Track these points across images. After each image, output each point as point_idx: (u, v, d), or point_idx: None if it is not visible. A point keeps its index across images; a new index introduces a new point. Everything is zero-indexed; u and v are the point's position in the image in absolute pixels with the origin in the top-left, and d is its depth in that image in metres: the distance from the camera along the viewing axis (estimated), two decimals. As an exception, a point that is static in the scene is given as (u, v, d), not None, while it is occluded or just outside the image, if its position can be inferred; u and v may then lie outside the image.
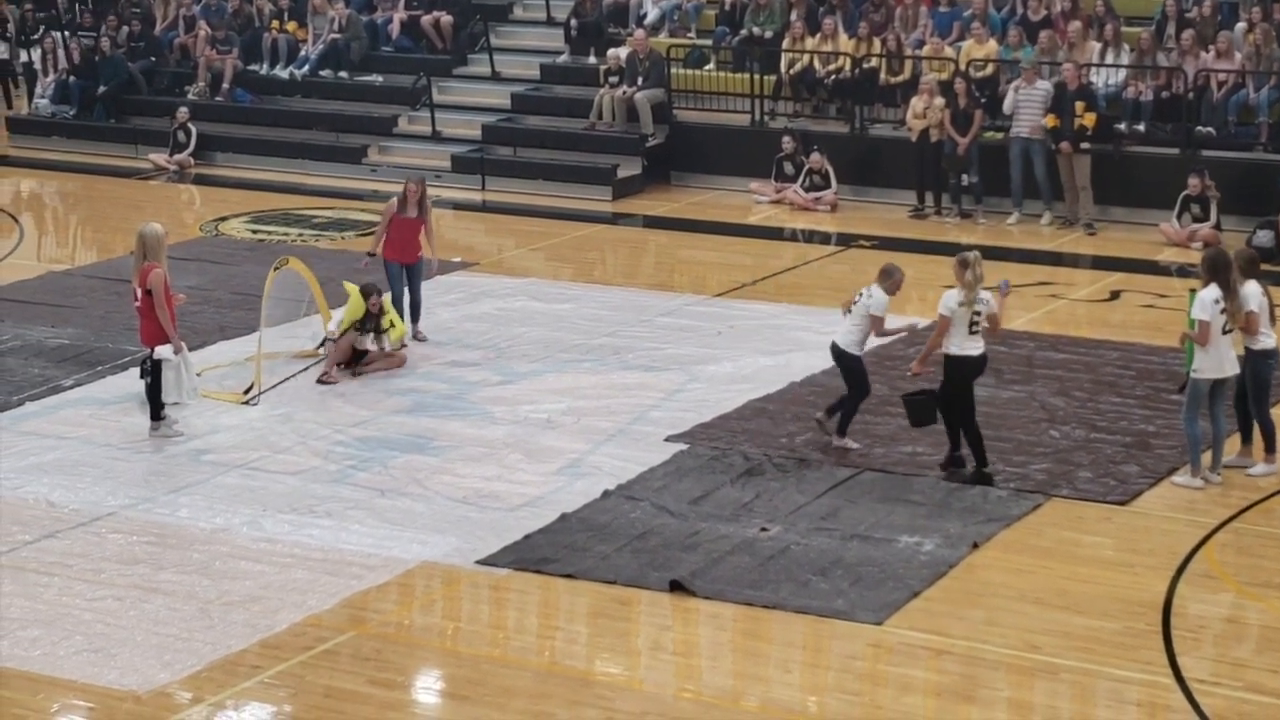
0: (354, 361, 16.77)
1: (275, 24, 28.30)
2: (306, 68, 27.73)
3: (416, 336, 17.77)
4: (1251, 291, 13.90)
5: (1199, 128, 22.10)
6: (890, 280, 14.47)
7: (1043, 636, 11.49)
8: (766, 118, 24.66)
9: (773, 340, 17.63)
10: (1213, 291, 13.64)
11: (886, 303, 14.42)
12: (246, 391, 16.18)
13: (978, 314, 13.92)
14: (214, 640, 11.59)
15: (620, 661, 11.42)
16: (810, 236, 22.37)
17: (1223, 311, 13.62)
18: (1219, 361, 13.70)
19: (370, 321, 16.76)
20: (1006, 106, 22.20)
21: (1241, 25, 22.53)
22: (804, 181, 23.40)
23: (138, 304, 15.20)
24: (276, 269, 17.09)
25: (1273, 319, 14.16)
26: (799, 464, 14.40)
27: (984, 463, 14.08)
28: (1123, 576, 12.38)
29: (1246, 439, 14.27)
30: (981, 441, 14.12)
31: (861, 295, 14.50)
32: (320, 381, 16.48)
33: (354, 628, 11.81)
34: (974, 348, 14.03)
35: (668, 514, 13.49)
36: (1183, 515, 13.37)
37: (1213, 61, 22.25)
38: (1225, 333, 13.67)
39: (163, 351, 15.03)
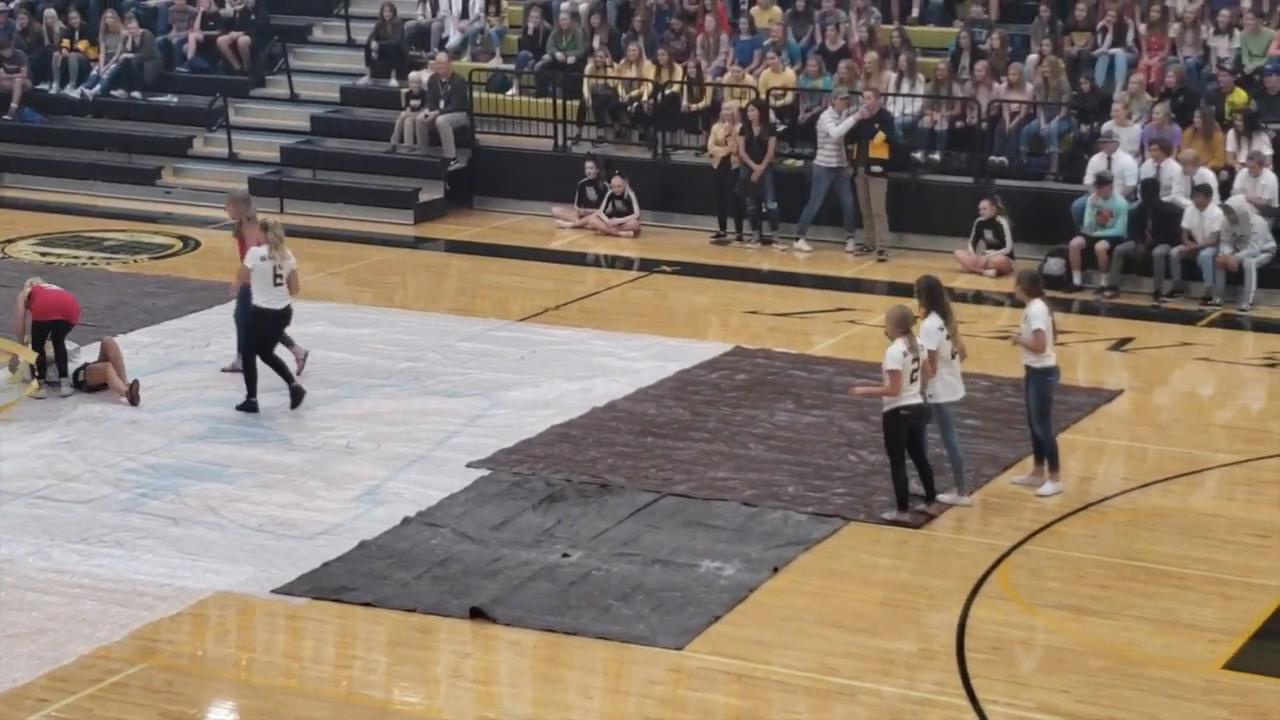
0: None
1: (66, 42, 27.70)
2: (98, 87, 27.16)
3: None
4: (1037, 311, 14.22)
5: (992, 157, 22.57)
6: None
7: (840, 659, 11.59)
8: (569, 143, 24.69)
9: (575, 365, 17.61)
10: (935, 320, 13.96)
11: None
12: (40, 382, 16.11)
13: (279, 272, 15.96)
14: (-3, 674, 11.25)
15: (419, 690, 11.29)
16: (613, 262, 22.41)
17: (947, 337, 13.94)
18: (952, 385, 14.01)
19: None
20: (835, 133, 22.21)
21: (1033, 57, 23.07)
22: (607, 207, 23.45)
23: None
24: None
25: (1054, 338, 14.49)
26: (601, 489, 14.38)
27: (289, 380, 16.15)
28: (919, 599, 12.54)
29: (1040, 459, 14.56)
30: (285, 367, 16.22)
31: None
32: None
33: (145, 659, 11.54)
34: (278, 301, 15.97)
35: (469, 540, 13.38)
36: (976, 538, 13.59)
37: (1005, 92, 22.76)
38: (952, 357, 14.00)
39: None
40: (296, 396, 16.21)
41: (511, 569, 12.88)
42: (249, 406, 16.08)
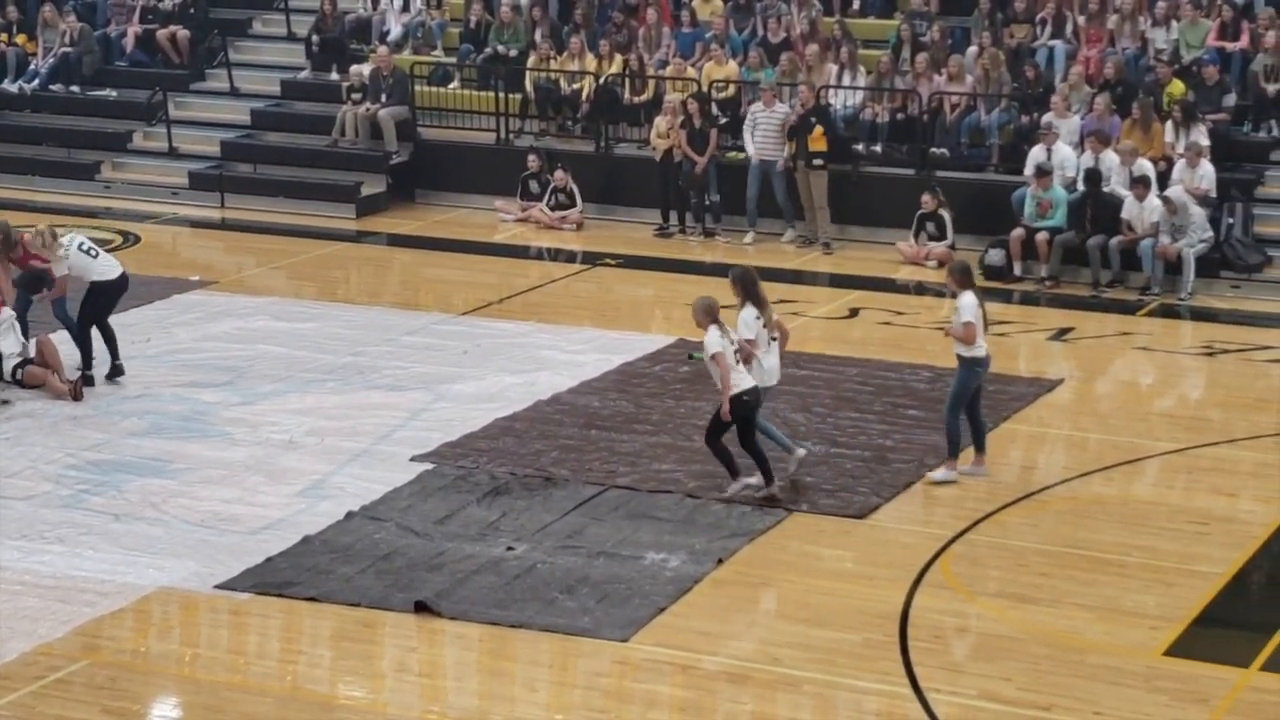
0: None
1: (3, 36, 27.46)
2: (36, 82, 26.94)
3: None
4: (967, 303, 14.29)
5: (933, 149, 22.68)
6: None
7: (785, 649, 11.63)
8: (512, 136, 24.65)
9: (518, 359, 17.61)
10: (750, 310, 14.06)
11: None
12: None
13: (96, 245, 16.83)
14: (-62, 673, 11.17)
15: (364, 684, 11.27)
16: (556, 255, 22.41)
17: (764, 325, 14.05)
18: (765, 372, 14.09)
19: None
20: (748, 128, 22.45)
21: (973, 50, 23.18)
22: (549, 200, 23.44)
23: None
24: None
25: (986, 329, 14.55)
26: (545, 482, 14.38)
27: (88, 365, 16.64)
28: (862, 589, 12.61)
29: (980, 447, 14.65)
30: (91, 349, 16.68)
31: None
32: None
33: (87, 656, 11.47)
34: (108, 273, 16.67)
35: (413, 534, 13.37)
36: (919, 528, 13.67)
37: (945, 85, 22.86)
38: (770, 342, 14.14)
39: None
40: (88, 382, 16.58)
41: (456, 563, 12.87)
42: (87, 380, 16.55)
